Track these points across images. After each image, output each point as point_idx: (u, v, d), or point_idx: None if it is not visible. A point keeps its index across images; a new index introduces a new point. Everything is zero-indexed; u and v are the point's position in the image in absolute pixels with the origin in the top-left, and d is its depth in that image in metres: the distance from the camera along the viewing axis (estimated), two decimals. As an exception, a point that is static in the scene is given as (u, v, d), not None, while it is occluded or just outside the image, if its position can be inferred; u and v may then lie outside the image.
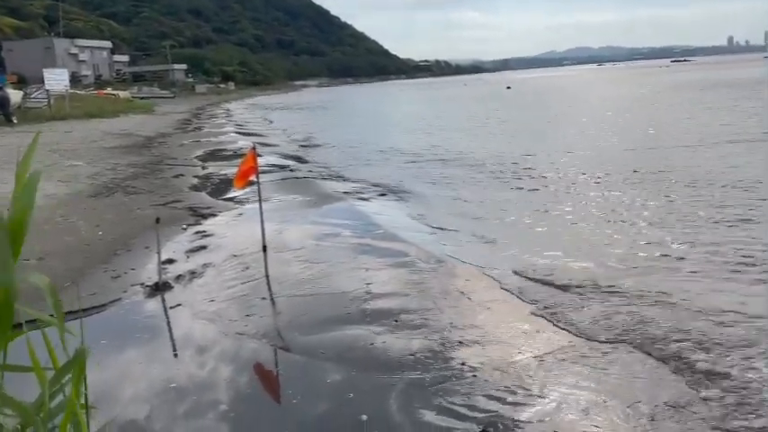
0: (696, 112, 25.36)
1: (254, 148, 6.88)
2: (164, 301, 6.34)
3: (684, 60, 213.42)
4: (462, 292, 6.04)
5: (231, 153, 19.73)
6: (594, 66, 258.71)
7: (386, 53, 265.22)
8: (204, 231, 9.15)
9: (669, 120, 23.71)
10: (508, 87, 72.40)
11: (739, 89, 38.60)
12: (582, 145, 17.82)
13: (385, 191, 12.38)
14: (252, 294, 6.34)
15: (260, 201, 7.14)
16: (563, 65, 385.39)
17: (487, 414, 3.86)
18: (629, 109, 31.30)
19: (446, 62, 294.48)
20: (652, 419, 3.71)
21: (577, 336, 4.97)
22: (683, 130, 19.51)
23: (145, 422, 4.00)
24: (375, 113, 44.23)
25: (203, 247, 8.23)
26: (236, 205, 11.16)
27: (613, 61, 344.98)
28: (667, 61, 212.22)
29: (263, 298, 6.21)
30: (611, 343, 4.80)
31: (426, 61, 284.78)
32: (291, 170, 15.77)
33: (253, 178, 6.90)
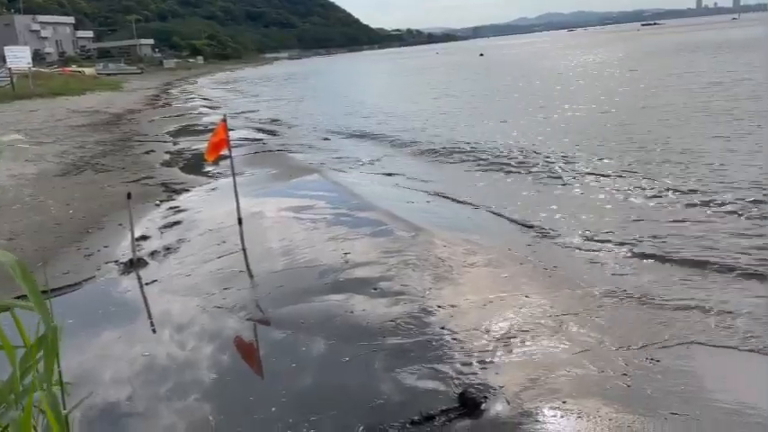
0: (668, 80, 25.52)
1: (224, 120, 6.73)
2: (139, 277, 6.25)
3: (654, 24, 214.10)
4: (441, 258, 6.04)
5: (203, 128, 19.41)
6: (565, 32, 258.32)
7: (357, 23, 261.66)
8: (178, 207, 9.02)
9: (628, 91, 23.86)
10: (481, 54, 72.26)
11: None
12: (551, 115, 17.86)
13: (359, 161, 12.31)
14: (229, 268, 6.27)
15: (233, 173, 7.03)
16: (534, 31, 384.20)
17: (467, 376, 3.89)
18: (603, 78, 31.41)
19: (418, 31, 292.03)
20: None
21: (550, 292, 5.03)
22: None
23: (125, 400, 3.95)
24: (347, 86, 43.74)
25: (178, 223, 8.11)
26: (210, 180, 11.01)
27: (585, 27, 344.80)
28: (638, 25, 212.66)
29: (241, 271, 6.15)
30: (591, 297, 4.87)
31: (398, 30, 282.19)
32: (264, 143, 15.58)
33: (225, 151, 6.76)
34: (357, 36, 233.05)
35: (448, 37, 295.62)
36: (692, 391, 3.64)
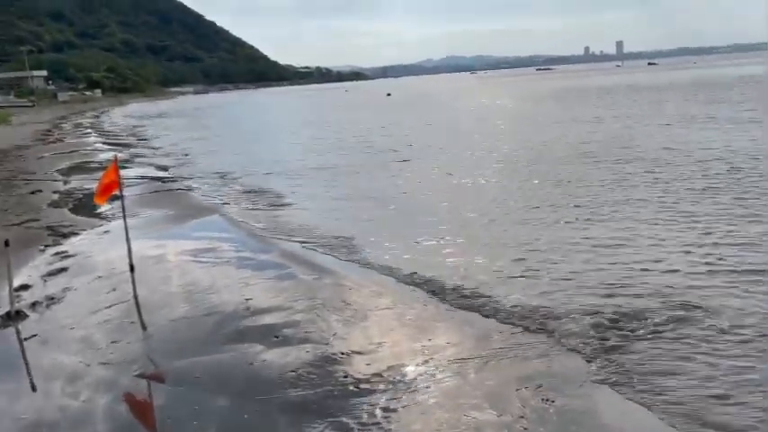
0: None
1: (115, 160, 6.37)
2: (18, 331, 5.71)
3: (547, 69, 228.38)
4: (346, 302, 5.94)
5: (97, 165, 18.42)
6: (468, 73, 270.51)
7: (265, 59, 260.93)
8: (65, 252, 8.41)
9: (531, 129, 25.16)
10: (388, 94, 73.73)
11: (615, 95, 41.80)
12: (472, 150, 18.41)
13: (264, 202, 12.03)
14: (119, 319, 5.87)
15: (124, 216, 6.63)
16: (439, 72, 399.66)
17: (370, 429, 3.78)
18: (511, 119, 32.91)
19: (327, 69, 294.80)
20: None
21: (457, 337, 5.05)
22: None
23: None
24: (256, 121, 43.26)
25: (64, 270, 7.54)
26: (102, 222, 10.38)
27: (484, 69, 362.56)
28: (533, 69, 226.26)
29: (132, 322, 5.76)
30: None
31: (307, 68, 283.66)
32: (163, 181, 14.97)
33: (116, 192, 6.38)
34: (265, 72, 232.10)
35: (357, 75, 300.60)
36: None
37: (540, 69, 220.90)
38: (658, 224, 8.26)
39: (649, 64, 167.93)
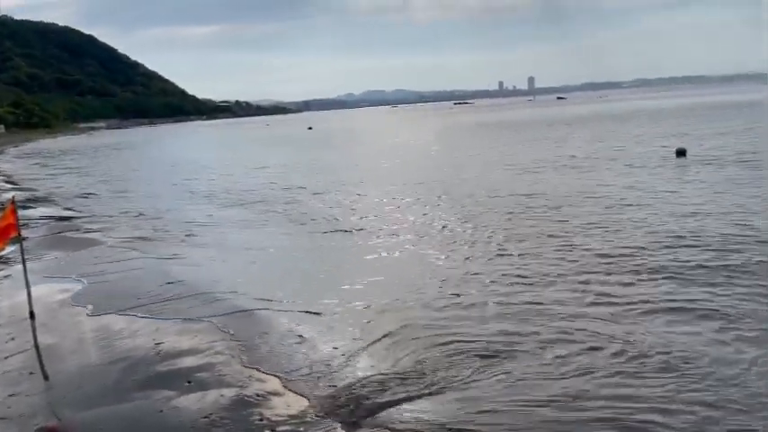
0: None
1: (13, 202, 6.03)
2: None
3: (465, 103, 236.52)
4: (262, 340, 5.82)
5: (-2, 206, 17.31)
6: (389, 107, 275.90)
7: (183, 93, 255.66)
8: (-42, 300, 7.81)
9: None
10: (309, 128, 73.83)
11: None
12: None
13: (177, 239, 11.68)
14: (18, 369, 5.51)
15: (23, 261, 6.24)
16: (360, 106, 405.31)
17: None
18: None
19: (247, 103, 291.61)
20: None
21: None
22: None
23: None
24: (170, 157, 42.08)
25: (-45, 320, 7.00)
26: (2, 266, 9.73)
27: (404, 103, 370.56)
28: (451, 103, 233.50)
29: (32, 372, 5.40)
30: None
31: (227, 102, 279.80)
32: (69, 222, 14.27)
33: (14, 235, 6.02)
34: (183, 106, 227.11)
35: (277, 109, 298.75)
36: None
37: (457, 103, 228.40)
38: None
39: (558, 98, 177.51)
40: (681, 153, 19.01)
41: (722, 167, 15.93)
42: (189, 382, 4.96)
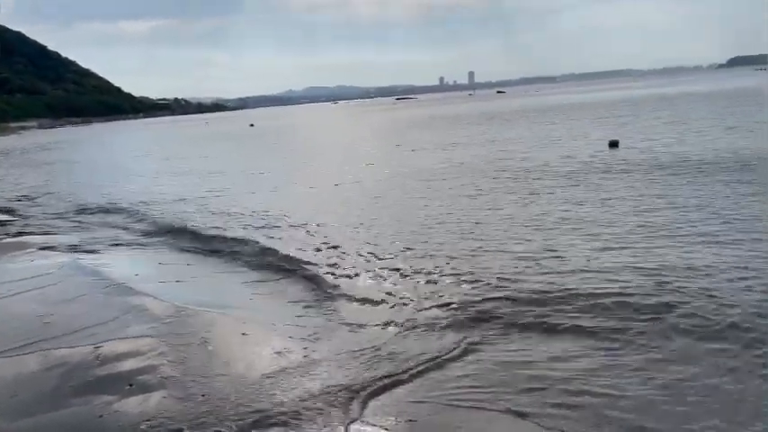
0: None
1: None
2: None
3: (408, 98, 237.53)
4: (204, 340, 5.74)
5: None
6: (331, 103, 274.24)
7: (118, 91, 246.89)
8: None
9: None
10: (251, 125, 72.72)
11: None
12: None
13: (115, 242, 11.36)
14: (-55, 382, 5.22)
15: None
16: (301, 103, 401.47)
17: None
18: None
19: (186, 100, 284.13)
20: None
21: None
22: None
23: None
24: (102, 159, 40.66)
25: None
26: None
27: (347, 99, 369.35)
28: (393, 99, 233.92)
29: (-39, 384, 5.16)
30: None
31: (165, 100, 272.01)
32: (2, 224, 13.67)
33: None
34: (118, 104, 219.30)
35: (217, 107, 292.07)
36: None
37: (399, 99, 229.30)
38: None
39: (498, 92, 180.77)
40: (613, 144, 19.76)
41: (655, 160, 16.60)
42: (131, 385, 4.85)
